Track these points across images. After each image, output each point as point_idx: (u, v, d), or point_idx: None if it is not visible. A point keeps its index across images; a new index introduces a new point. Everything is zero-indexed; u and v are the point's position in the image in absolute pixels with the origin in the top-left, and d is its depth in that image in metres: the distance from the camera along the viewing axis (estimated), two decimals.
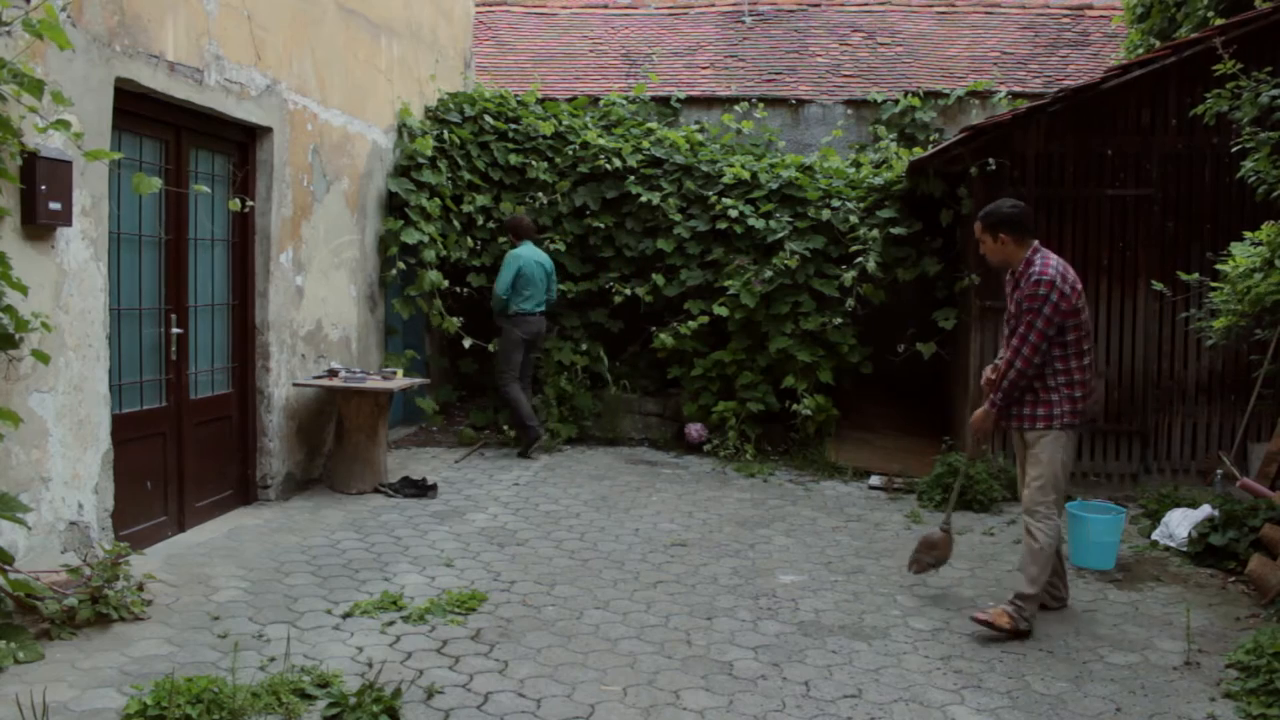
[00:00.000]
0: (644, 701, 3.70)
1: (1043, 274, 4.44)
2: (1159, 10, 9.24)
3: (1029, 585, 4.47)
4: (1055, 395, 4.49)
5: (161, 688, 3.37)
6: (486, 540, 5.70)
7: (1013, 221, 4.56)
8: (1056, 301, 4.40)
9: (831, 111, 10.69)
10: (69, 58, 4.43)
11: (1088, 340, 4.55)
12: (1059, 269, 4.47)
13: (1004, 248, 4.60)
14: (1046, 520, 4.51)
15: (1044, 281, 4.42)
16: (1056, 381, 4.49)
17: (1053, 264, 4.48)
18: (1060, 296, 4.41)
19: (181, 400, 5.63)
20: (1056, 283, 4.41)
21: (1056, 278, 4.42)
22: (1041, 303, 4.40)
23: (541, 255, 8.19)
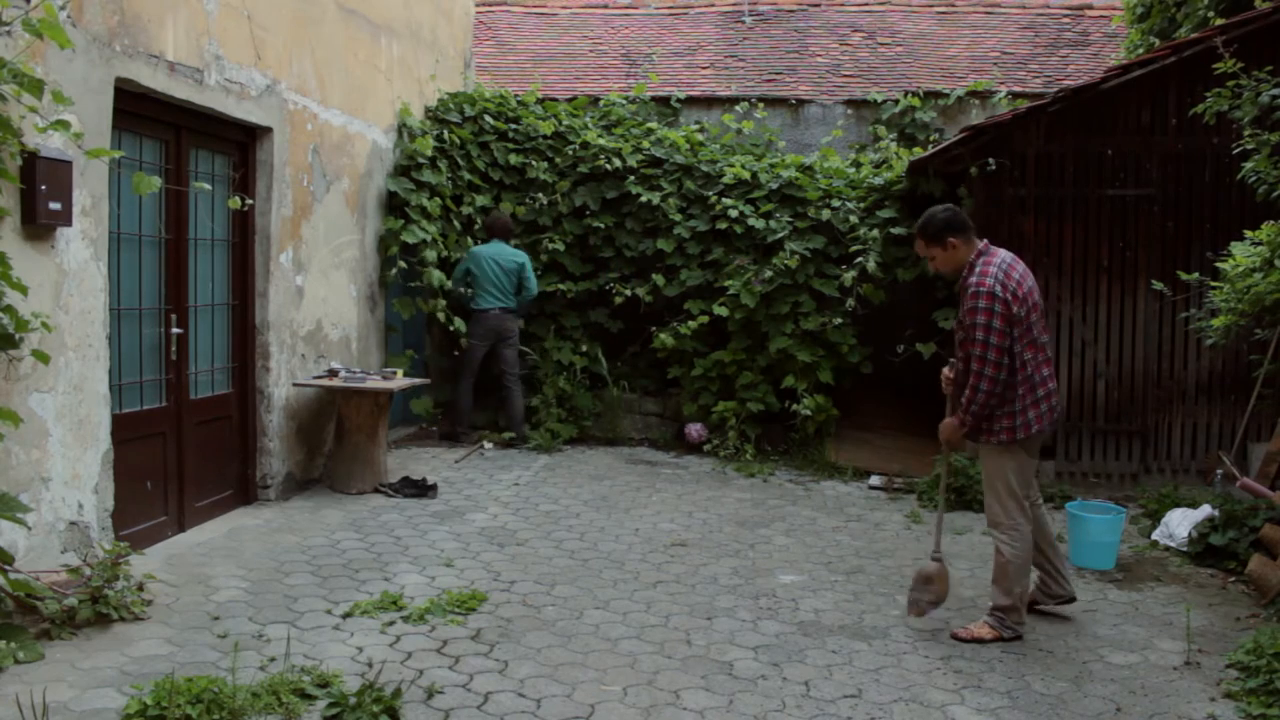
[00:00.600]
0: (644, 701, 3.70)
1: (980, 285, 4.26)
2: (1159, 10, 9.25)
3: (1004, 597, 4.40)
4: (1016, 406, 4.32)
5: (161, 688, 3.37)
6: (486, 540, 5.70)
7: (956, 224, 4.43)
8: (1001, 311, 4.22)
9: (831, 111, 10.69)
10: (69, 58, 4.43)
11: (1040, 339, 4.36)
12: (997, 275, 4.27)
13: (955, 252, 4.45)
14: (1011, 532, 4.39)
15: (982, 293, 4.24)
16: (1030, 386, 4.32)
17: (992, 270, 4.29)
18: (1004, 305, 4.23)
19: (181, 400, 5.63)
20: (996, 292, 4.23)
21: (995, 286, 4.23)
22: (988, 316, 4.23)
23: (505, 253, 8.24)
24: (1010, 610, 4.40)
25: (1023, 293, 4.29)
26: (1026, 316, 4.29)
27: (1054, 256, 7.21)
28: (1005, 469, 4.39)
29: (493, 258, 8.20)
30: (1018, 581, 4.39)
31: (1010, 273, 4.31)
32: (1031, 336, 4.32)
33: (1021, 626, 4.43)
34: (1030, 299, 4.33)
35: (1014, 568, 4.38)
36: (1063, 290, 7.21)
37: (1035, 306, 4.37)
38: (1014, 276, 4.31)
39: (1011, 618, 4.40)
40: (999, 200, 7.23)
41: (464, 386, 8.41)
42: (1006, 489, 4.40)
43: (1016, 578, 4.39)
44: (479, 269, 8.20)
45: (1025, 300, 4.29)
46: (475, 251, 8.27)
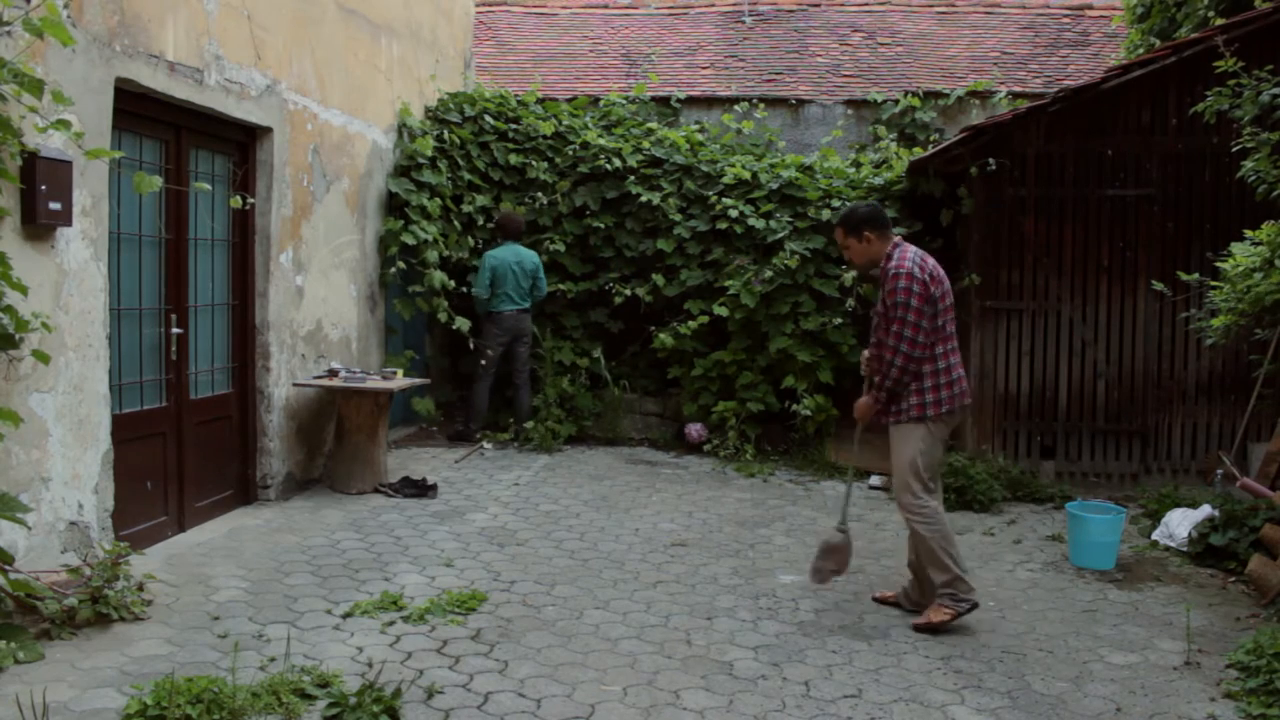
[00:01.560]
0: (644, 701, 3.70)
1: (900, 266, 4.47)
2: (1159, 10, 9.25)
3: (942, 573, 4.49)
4: (927, 383, 4.47)
5: (161, 688, 3.37)
6: (486, 540, 5.70)
7: (874, 218, 4.63)
8: (920, 291, 4.42)
9: (831, 111, 10.69)
10: (69, 58, 4.43)
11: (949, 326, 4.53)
12: (916, 259, 4.50)
13: (870, 246, 4.63)
14: (922, 511, 4.50)
15: (902, 274, 4.45)
16: (935, 370, 4.48)
17: (910, 255, 4.52)
18: (922, 286, 4.43)
19: (181, 400, 5.63)
20: (915, 273, 4.44)
21: (914, 268, 4.45)
22: (906, 295, 4.42)
23: (522, 254, 8.28)
24: (955, 582, 4.48)
25: (939, 276, 4.53)
26: (943, 299, 4.51)
27: (1054, 256, 7.21)
28: (914, 448, 4.51)
29: (514, 261, 8.23)
30: (946, 553, 4.48)
31: (925, 259, 4.57)
32: (939, 324, 4.50)
33: (973, 593, 4.51)
34: (945, 287, 4.55)
35: (936, 543, 4.48)
36: (1063, 290, 7.22)
37: (947, 295, 4.55)
38: (929, 262, 4.56)
39: (959, 589, 4.48)
40: (999, 200, 7.23)
41: (481, 387, 8.37)
42: (913, 470, 4.51)
43: (944, 549, 4.48)
44: (500, 272, 8.19)
45: (941, 284, 4.52)
46: (496, 255, 8.24)
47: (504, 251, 8.28)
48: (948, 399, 4.49)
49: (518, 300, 8.28)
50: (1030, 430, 7.29)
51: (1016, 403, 7.29)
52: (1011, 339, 7.28)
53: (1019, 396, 7.28)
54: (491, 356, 8.33)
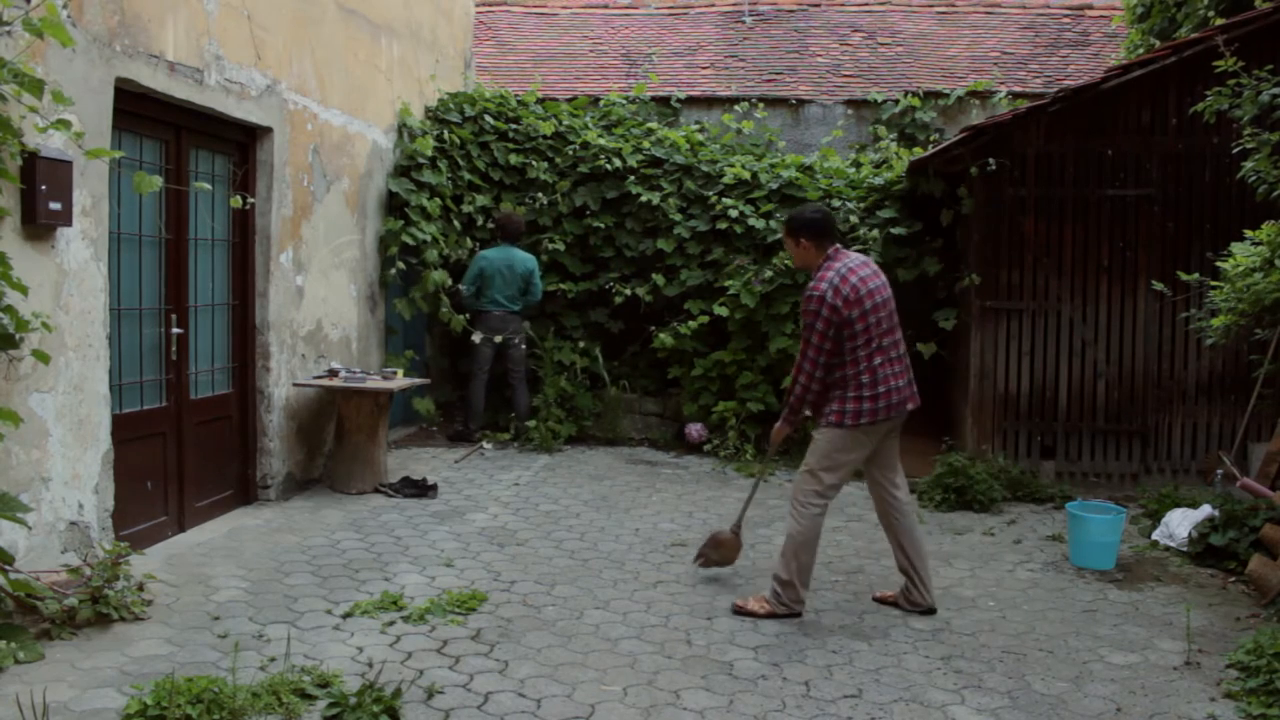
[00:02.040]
0: (644, 701, 3.70)
1: (814, 289, 4.48)
2: (1159, 10, 9.25)
3: (782, 571, 4.56)
4: (850, 393, 4.49)
5: (161, 688, 3.37)
6: (486, 540, 5.70)
7: (810, 226, 4.63)
8: (828, 316, 4.42)
9: (831, 111, 10.69)
10: (69, 58, 4.43)
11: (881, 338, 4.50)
12: (832, 280, 4.45)
13: (805, 252, 4.66)
14: (803, 509, 4.55)
15: (814, 297, 4.46)
16: (858, 381, 4.48)
17: (828, 276, 4.48)
18: (831, 310, 4.41)
19: (182, 400, 5.63)
20: (827, 297, 4.42)
21: (828, 291, 4.43)
22: (814, 318, 4.46)
23: (514, 258, 8.29)
24: (786, 585, 4.55)
25: (856, 297, 4.45)
26: (863, 318, 4.46)
27: (1054, 256, 7.21)
28: (821, 450, 4.56)
29: (504, 264, 8.24)
30: (797, 558, 4.54)
31: (848, 278, 4.48)
32: (870, 335, 4.48)
33: (800, 605, 4.58)
34: (869, 302, 4.48)
35: (794, 543, 4.54)
36: (1063, 290, 7.22)
37: (876, 309, 4.51)
38: (850, 281, 4.47)
39: (788, 593, 4.55)
40: (999, 200, 7.23)
41: (476, 386, 8.43)
42: (814, 469, 4.57)
43: (797, 553, 4.54)
44: (488, 274, 8.24)
45: (861, 303, 4.45)
46: (486, 256, 8.27)
47: (495, 253, 8.30)
48: (870, 411, 4.48)
49: (504, 303, 8.29)
50: (1030, 430, 7.29)
51: (1016, 403, 7.29)
52: (1011, 339, 7.28)
53: (1019, 396, 7.28)
54: (481, 354, 8.35)
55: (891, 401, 4.51)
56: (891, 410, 4.52)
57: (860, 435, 4.52)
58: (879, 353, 4.50)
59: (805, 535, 4.55)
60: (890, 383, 4.51)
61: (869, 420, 4.48)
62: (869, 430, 4.52)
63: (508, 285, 8.27)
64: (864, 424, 4.48)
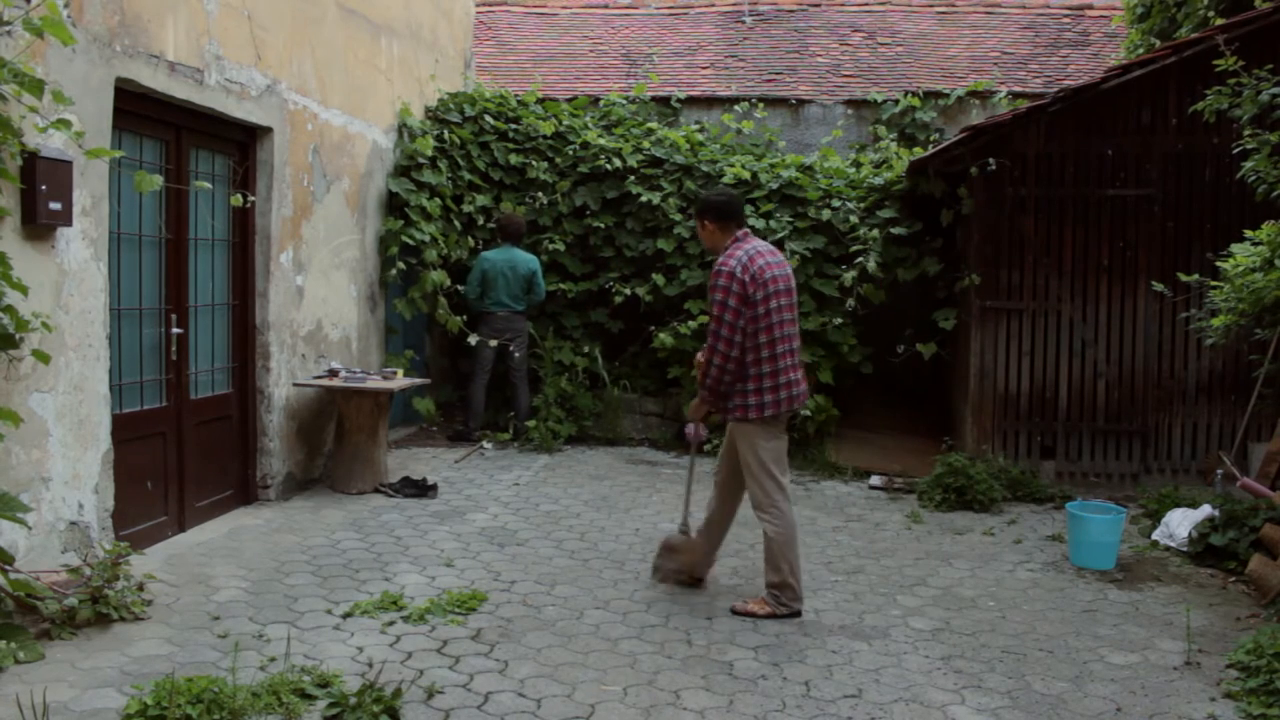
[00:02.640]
0: (644, 701, 3.70)
1: (722, 265, 4.52)
2: (1159, 10, 9.25)
3: (774, 574, 4.60)
4: (750, 385, 4.54)
5: (162, 688, 3.37)
6: (487, 540, 5.70)
7: (714, 208, 4.70)
8: (738, 291, 4.45)
9: (831, 111, 10.69)
10: (69, 58, 4.43)
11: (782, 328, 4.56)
12: (742, 260, 4.50)
13: (711, 234, 4.73)
14: (772, 510, 4.59)
15: (722, 273, 4.50)
16: (759, 372, 4.53)
17: (736, 255, 4.53)
18: (740, 285, 4.45)
19: (182, 400, 5.63)
20: (736, 273, 4.46)
21: (736, 268, 4.47)
22: (724, 294, 4.48)
23: (516, 258, 8.29)
24: (782, 587, 4.59)
25: (763, 279, 4.49)
26: (766, 301, 4.49)
27: (1054, 256, 7.21)
28: (755, 446, 4.59)
29: (506, 265, 8.25)
30: (784, 558, 4.57)
31: (755, 259, 4.53)
32: (770, 323, 4.51)
33: (798, 603, 4.61)
34: (772, 287, 4.52)
35: (779, 545, 4.58)
36: (1063, 290, 7.22)
37: (779, 295, 4.55)
38: (757, 263, 4.52)
39: (785, 594, 4.60)
40: (999, 200, 7.23)
41: (477, 386, 8.44)
42: (761, 467, 4.59)
43: (783, 554, 4.57)
44: (491, 276, 8.24)
45: (765, 286, 4.49)
46: (488, 258, 8.28)
47: (497, 254, 8.31)
48: (772, 403, 4.54)
49: (508, 302, 8.30)
50: (1030, 430, 7.29)
51: (1016, 403, 7.29)
52: (1011, 339, 7.28)
53: (1019, 396, 7.28)
54: (483, 355, 8.36)
55: (793, 394, 4.62)
56: (792, 403, 4.62)
57: (774, 425, 4.63)
58: (782, 341, 4.57)
59: (784, 535, 4.60)
60: (790, 375, 4.61)
61: (773, 411, 4.56)
62: (773, 421, 4.61)
63: (511, 286, 8.28)
64: (769, 415, 4.56)
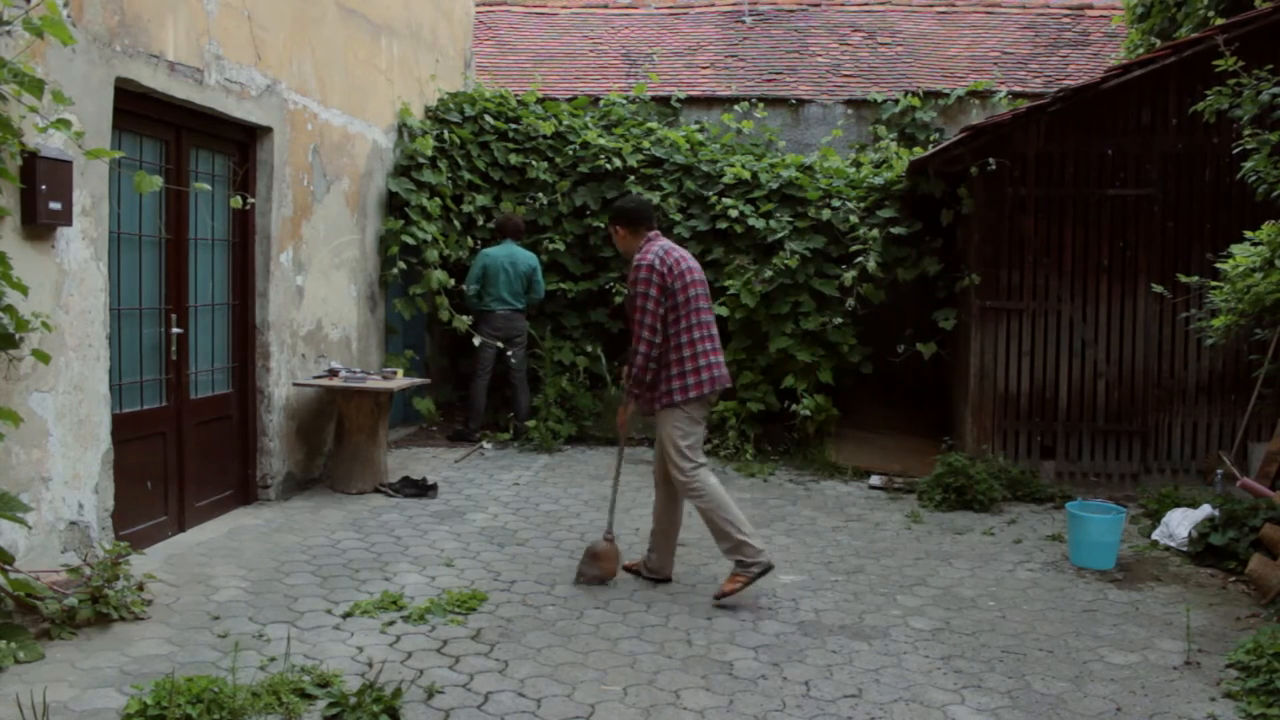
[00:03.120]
0: (644, 701, 3.70)
1: (641, 260, 4.75)
2: (1159, 10, 9.25)
3: (725, 541, 4.72)
4: (674, 370, 4.74)
5: (162, 687, 3.37)
6: (486, 540, 5.70)
7: (625, 214, 4.95)
8: (658, 282, 4.68)
9: (831, 111, 10.69)
10: (69, 57, 4.43)
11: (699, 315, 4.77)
12: (659, 254, 4.74)
13: (625, 239, 4.95)
14: (694, 487, 4.74)
15: (642, 266, 4.73)
16: (680, 358, 4.73)
17: (653, 249, 4.77)
18: (660, 276, 4.68)
19: (182, 400, 5.63)
20: (655, 265, 4.70)
21: (655, 261, 4.71)
22: (646, 285, 4.69)
23: (517, 255, 8.29)
24: (740, 547, 4.70)
25: (679, 270, 4.74)
26: (684, 291, 4.74)
27: (1054, 256, 7.21)
28: (673, 430, 4.78)
29: (506, 260, 8.25)
30: (725, 521, 4.70)
31: (669, 254, 4.79)
32: (689, 310, 4.76)
33: (762, 556, 4.70)
34: (689, 277, 4.77)
35: (714, 513, 4.72)
36: (1063, 290, 7.22)
37: (694, 285, 4.79)
38: (673, 255, 4.78)
39: (746, 553, 4.69)
40: (999, 200, 7.23)
41: (478, 386, 8.43)
42: (677, 450, 4.77)
43: (722, 519, 4.71)
44: (492, 271, 8.23)
45: (682, 277, 4.74)
46: (489, 254, 8.29)
47: (498, 250, 8.31)
48: (695, 385, 4.74)
49: (509, 300, 8.30)
50: (1030, 430, 7.29)
51: (1016, 403, 7.29)
52: (1011, 339, 7.28)
53: (1019, 396, 7.28)
54: (484, 354, 8.36)
55: (714, 375, 4.80)
56: (714, 384, 4.79)
57: (693, 409, 4.79)
58: (699, 328, 4.78)
59: (714, 501, 4.74)
60: (710, 358, 4.80)
61: (696, 394, 4.74)
62: (698, 403, 4.79)
63: (511, 282, 8.27)
64: (693, 398, 4.75)
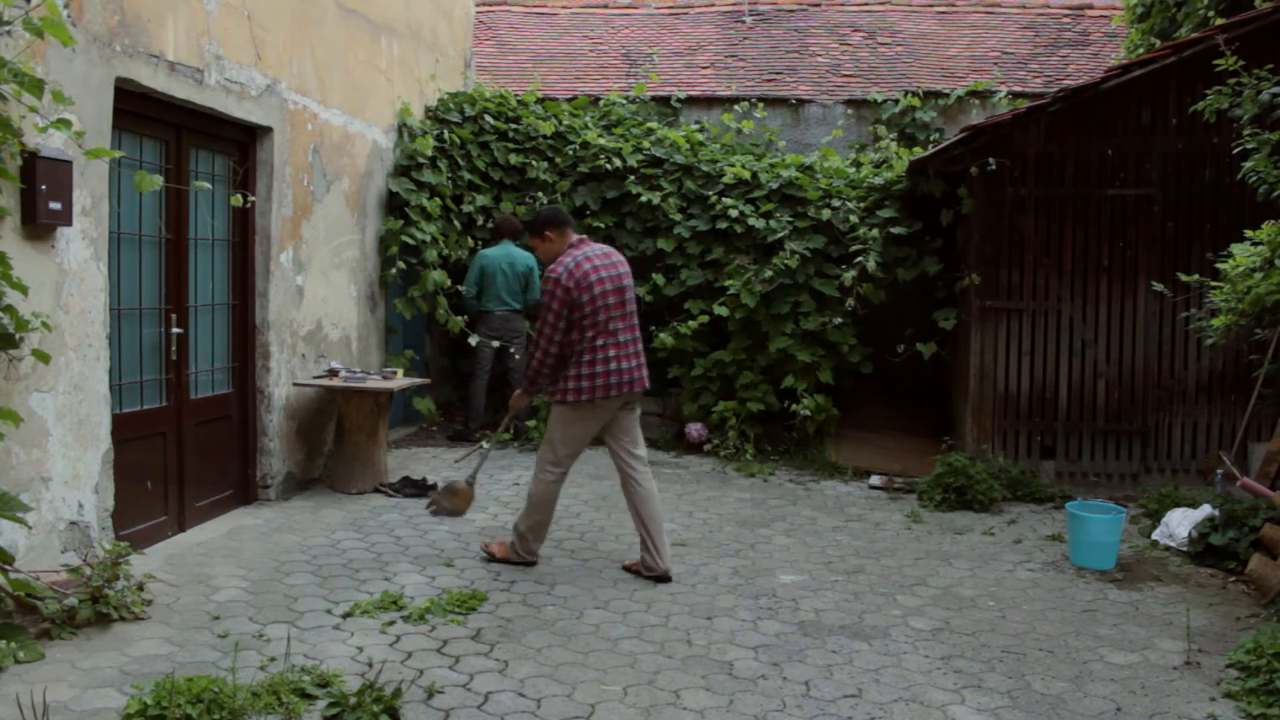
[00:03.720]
0: (644, 701, 3.70)
1: (551, 272, 4.97)
2: (1159, 10, 9.25)
3: (521, 523, 5.15)
4: (571, 371, 4.95)
5: (162, 687, 3.37)
6: (486, 540, 5.69)
7: (552, 220, 5.16)
8: (561, 296, 4.89)
9: (831, 111, 10.69)
10: (69, 57, 4.43)
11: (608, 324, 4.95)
12: (569, 266, 4.93)
13: (550, 244, 5.12)
14: (542, 474, 5.09)
15: (550, 279, 4.95)
16: (579, 361, 4.94)
17: (565, 262, 4.96)
18: (565, 290, 4.89)
19: (182, 400, 5.63)
20: (561, 279, 4.90)
21: (563, 274, 4.91)
22: (550, 297, 4.93)
23: (515, 255, 8.29)
24: (521, 537, 5.16)
25: (586, 282, 4.92)
26: (592, 302, 4.92)
27: (1054, 256, 7.21)
28: (557, 424, 5.08)
29: (504, 261, 8.25)
30: (532, 515, 5.11)
31: (581, 264, 4.95)
32: (595, 320, 4.93)
33: (532, 558, 5.18)
34: (598, 289, 4.94)
35: (532, 502, 5.11)
36: (1063, 290, 7.22)
37: (605, 295, 4.96)
38: (583, 268, 4.95)
39: (522, 545, 5.16)
40: (999, 200, 7.23)
41: (477, 386, 8.43)
42: (550, 442, 5.10)
43: (532, 511, 5.11)
44: (489, 272, 8.24)
45: (591, 289, 4.92)
46: (486, 255, 8.29)
47: (496, 251, 8.31)
48: (589, 389, 4.92)
49: (508, 300, 8.29)
50: (1030, 430, 7.29)
51: (1016, 403, 7.29)
52: (1011, 339, 7.29)
53: (1019, 396, 7.28)
54: (482, 354, 8.37)
55: (612, 381, 4.95)
56: (614, 389, 4.96)
57: (585, 411, 4.99)
58: (603, 334, 4.95)
59: (541, 497, 5.08)
60: (612, 364, 4.96)
61: (588, 397, 4.93)
62: (594, 406, 4.98)
63: (509, 282, 8.27)
64: (584, 400, 4.93)
